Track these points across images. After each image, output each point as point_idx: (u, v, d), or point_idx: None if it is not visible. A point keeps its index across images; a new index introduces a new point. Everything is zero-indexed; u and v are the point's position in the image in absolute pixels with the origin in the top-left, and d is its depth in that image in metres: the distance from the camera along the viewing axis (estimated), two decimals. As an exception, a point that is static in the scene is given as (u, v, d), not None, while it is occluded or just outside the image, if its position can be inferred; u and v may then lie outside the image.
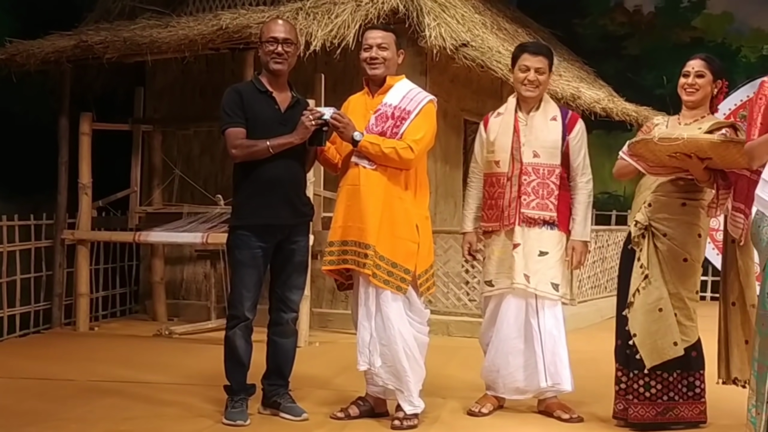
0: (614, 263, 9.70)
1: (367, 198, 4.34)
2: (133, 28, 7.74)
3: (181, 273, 8.96)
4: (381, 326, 4.37)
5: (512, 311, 4.59)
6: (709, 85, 4.34)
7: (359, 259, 4.35)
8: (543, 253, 4.54)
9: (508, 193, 4.57)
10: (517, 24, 10.88)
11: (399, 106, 4.42)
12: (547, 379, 4.53)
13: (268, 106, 4.51)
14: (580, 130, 4.70)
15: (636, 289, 4.26)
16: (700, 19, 12.98)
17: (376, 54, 4.44)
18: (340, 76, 7.93)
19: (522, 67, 4.61)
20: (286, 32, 4.56)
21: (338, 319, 7.97)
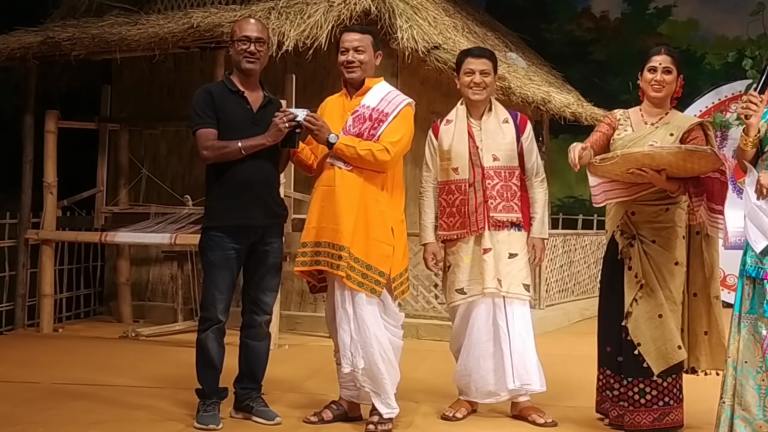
0: (581, 267, 9.78)
1: (342, 199, 4.31)
2: (102, 25, 7.65)
3: (147, 274, 8.86)
4: (356, 329, 4.34)
5: (482, 315, 4.58)
6: (675, 81, 4.34)
7: (333, 261, 4.31)
8: (513, 255, 4.56)
9: (472, 199, 4.56)
10: (486, 27, 10.93)
11: (377, 108, 4.40)
12: (515, 380, 4.52)
13: (240, 106, 4.46)
14: (530, 130, 4.76)
15: (633, 298, 4.23)
16: (666, 25, 13.14)
17: (352, 57, 4.43)
18: (311, 76, 7.91)
19: (467, 71, 4.62)
20: (259, 31, 4.51)
21: (307, 322, 7.94)
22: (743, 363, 3.41)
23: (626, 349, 4.28)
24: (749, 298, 3.45)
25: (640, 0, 13.32)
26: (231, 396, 4.69)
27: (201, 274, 7.16)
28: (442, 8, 8.98)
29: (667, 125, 4.30)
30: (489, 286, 4.51)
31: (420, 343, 7.25)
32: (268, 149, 4.42)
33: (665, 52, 4.33)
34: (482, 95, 4.61)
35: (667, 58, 4.30)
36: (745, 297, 3.44)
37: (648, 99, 4.38)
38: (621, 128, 4.38)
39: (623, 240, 4.32)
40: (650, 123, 4.35)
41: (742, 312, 3.45)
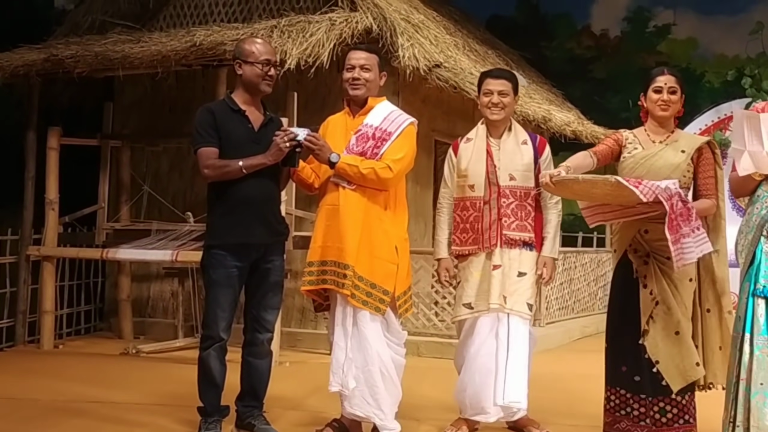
0: (581, 285, 9.79)
1: (347, 218, 4.33)
2: (105, 42, 7.68)
3: (147, 290, 8.87)
4: (357, 347, 4.35)
5: (484, 330, 4.60)
6: (679, 101, 4.37)
7: (338, 279, 4.32)
8: (521, 273, 4.58)
9: (486, 216, 4.60)
10: (487, 46, 10.98)
11: (380, 127, 4.43)
12: (504, 397, 4.50)
13: (242, 124, 4.49)
14: (549, 153, 4.79)
15: (649, 316, 4.21)
16: (665, 44, 13.22)
17: (358, 75, 4.45)
18: (312, 94, 7.94)
19: (486, 91, 4.68)
20: (275, 55, 4.62)
21: (308, 339, 7.94)
22: (759, 385, 3.34)
23: (644, 367, 4.25)
24: (762, 319, 3.40)
25: (640, 18, 13.41)
26: (233, 414, 4.68)
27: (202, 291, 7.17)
28: (443, 27, 9.04)
29: (676, 143, 4.33)
30: (494, 302, 4.54)
31: (421, 360, 7.24)
32: (270, 168, 4.44)
33: (669, 72, 4.36)
34: (500, 115, 4.66)
35: (672, 78, 4.34)
36: (757, 317, 3.39)
37: (654, 119, 4.40)
38: (630, 146, 4.39)
39: (637, 258, 4.30)
40: (658, 141, 4.37)
41: (754, 333, 3.39)
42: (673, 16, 13.38)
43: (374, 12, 7.45)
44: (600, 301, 10.42)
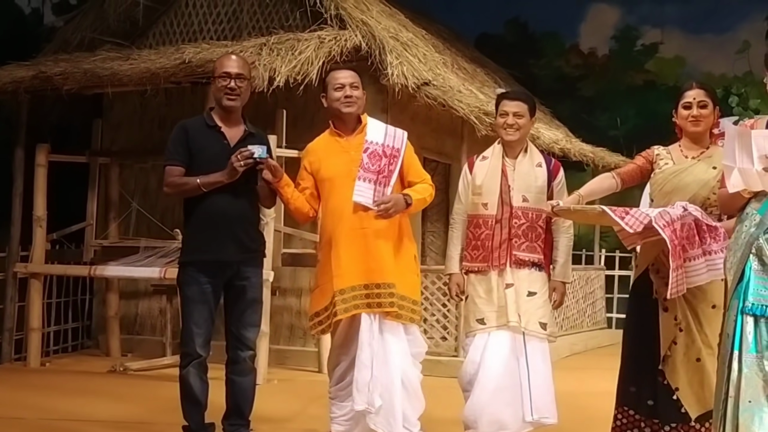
0: (569, 302, 9.80)
1: (380, 239, 4.37)
2: (94, 59, 7.69)
3: (135, 308, 8.83)
4: (382, 364, 4.34)
5: (501, 349, 4.58)
6: (712, 114, 4.26)
7: (381, 300, 4.33)
8: (531, 293, 4.58)
9: (498, 235, 4.62)
10: (475, 64, 11.03)
11: (386, 144, 4.47)
12: (533, 413, 4.52)
13: (217, 141, 4.47)
14: (562, 177, 4.82)
15: (671, 341, 4.13)
16: (653, 62, 13.30)
17: (350, 93, 4.47)
18: (301, 112, 7.94)
19: (502, 112, 4.70)
20: (239, 67, 4.54)
21: (296, 356, 7.93)
22: (747, 402, 3.33)
23: (661, 393, 4.16)
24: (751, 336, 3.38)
25: (628, 37, 13.50)
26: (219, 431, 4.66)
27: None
28: (431, 45, 9.08)
29: (710, 159, 4.22)
30: (512, 320, 4.54)
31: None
32: (244, 185, 4.43)
33: (698, 86, 4.26)
34: (515, 136, 4.68)
35: (701, 92, 4.23)
36: (746, 335, 3.37)
37: (687, 135, 4.31)
38: (662, 162, 4.33)
39: (659, 279, 4.18)
40: (691, 157, 4.29)
41: (743, 350, 3.37)
42: (661, 35, 13.46)
43: (363, 30, 7.49)
44: (588, 319, 10.45)
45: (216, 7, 8.71)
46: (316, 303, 4.52)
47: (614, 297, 11.30)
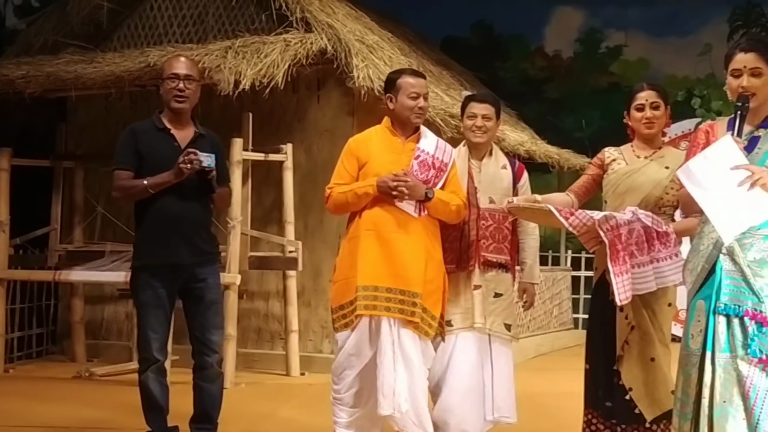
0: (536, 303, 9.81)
1: (413, 246, 4.28)
2: (57, 63, 7.63)
3: (101, 312, 8.76)
4: (404, 370, 4.27)
5: (467, 350, 4.60)
6: (664, 115, 4.26)
7: (405, 308, 4.23)
8: (498, 294, 4.61)
9: (465, 236, 4.63)
10: (441, 66, 11.07)
11: (436, 156, 4.43)
12: (493, 412, 4.57)
13: (166, 143, 4.44)
14: (527, 179, 4.86)
15: (624, 341, 4.10)
16: (617, 64, 13.44)
17: (423, 104, 4.41)
18: (267, 115, 7.95)
19: (470, 114, 4.71)
20: (188, 69, 4.51)
21: (264, 360, 7.90)
22: (722, 403, 3.35)
23: (617, 394, 4.14)
24: (723, 337, 3.40)
25: (592, 40, 13.62)
26: (187, 436, 4.64)
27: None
28: (397, 47, 9.10)
29: (662, 159, 4.23)
30: (478, 322, 4.56)
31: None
32: (197, 187, 4.41)
33: (649, 87, 4.25)
34: (483, 138, 4.70)
35: (652, 93, 4.22)
36: (718, 335, 3.39)
37: (640, 137, 4.29)
38: (614, 163, 4.32)
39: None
40: (644, 156, 4.28)
41: (716, 351, 3.39)
42: (625, 37, 13.61)
43: (329, 33, 7.50)
44: (555, 319, 10.52)
45: (181, 10, 8.67)
46: (340, 296, 4.37)
47: (580, 298, 11.39)
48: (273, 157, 7.55)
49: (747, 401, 3.27)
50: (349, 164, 4.43)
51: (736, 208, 3.26)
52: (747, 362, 3.28)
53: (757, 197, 3.24)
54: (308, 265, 7.64)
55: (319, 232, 7.71)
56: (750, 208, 3.26)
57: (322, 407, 5.80)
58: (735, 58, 3.45)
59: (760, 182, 3.22)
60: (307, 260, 7.59)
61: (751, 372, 3.27)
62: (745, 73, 3.41)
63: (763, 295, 3.31)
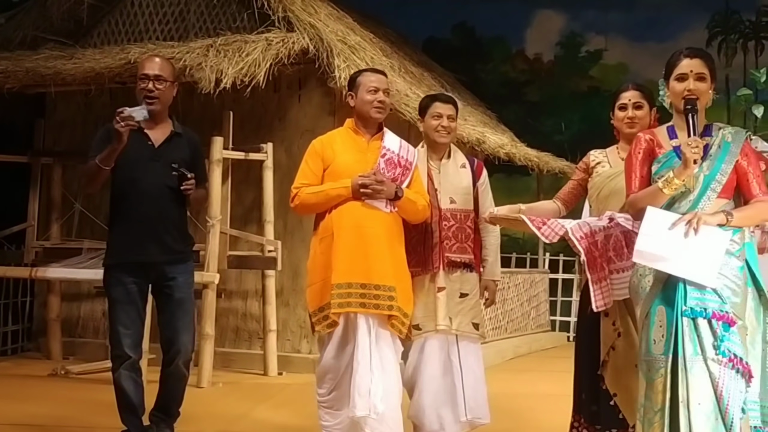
0: (514, 305, 9.92)
1: (385, 240, 4.29)
2: (36, 58, 7.57)
3: (78, 310, 8.70)
4: (381, 370, 4.27)
5: (436, 351, 4.62)
6: (647, 115, 4.22)
7: (380, 302, 4.24)
8: (464, 294, 4.62)
9: (429, 239, 4.62)
10: (422, 68, 11.08)
11: (401, 155, 4.44)
12: (467, 413, 4.57)
13: (140, 142, 4.42)
14: (486, 177, 4.87)
15: (610, 346, 4.08)
16: (597, 68, 13.51)
17: (383, 98, 4.41)
18: (248, 114, 7.93)
19: (435, 114, 4.69)
20: (159, 69, 4.51)
21: (241, 359, 7.88)
22: (697, 405, 3.38)
23: (602, 398, 4.12)
24: (691, 340, 3.43)
25: (573, 43, 13.69)
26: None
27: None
28: (379, 48, 9.11)
29: None
30: (441, 324, 4.56)
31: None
32: (168, 186, 4.40)
33: (633, 87, 4.25)
34: (447, 139, 4.72)
35: (636, 93, 4.22)
36: (687, 339, 3.42)
37: (623, 137, 4.27)
38: (599, 167, 4.32)
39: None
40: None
41: (686, 354, 3.41)
42: (605, 41, 13.70)
43: (311, 33, 7.49)
44: (533, 321, 10.57)
45: (162, 7, 8.63)
46: (319, 298, 4.33)
47: (558, 300, 11.45)
48: (253, 156, 7.53)
49: (720, 402, 3.32)
50: (314, 164, 4.43)
51: (700, 256, 3.38)
52: (717, 363, 3.33)
53: (708, 235, 3.38)
54: (287, 265, 7.64)
55: (298, 231, 7.70)
56: (709, 247, 3.39)
57: (299, 407, 5.82)
58: (681, 64, 3.53)
59: (701, 222, 3.36)
60: (286, 260, 7.58)
61: (722, 372, 3.32)
62: (691, 77, 3.49)
63: (724, 296, 3.38)
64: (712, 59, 3.62)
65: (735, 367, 3.33)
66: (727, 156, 3.52)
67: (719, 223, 3.41)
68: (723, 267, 3.40)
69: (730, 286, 3.41)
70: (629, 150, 3.77)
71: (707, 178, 3.50)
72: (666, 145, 3.61)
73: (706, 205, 3.49)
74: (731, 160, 3.51)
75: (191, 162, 4.53)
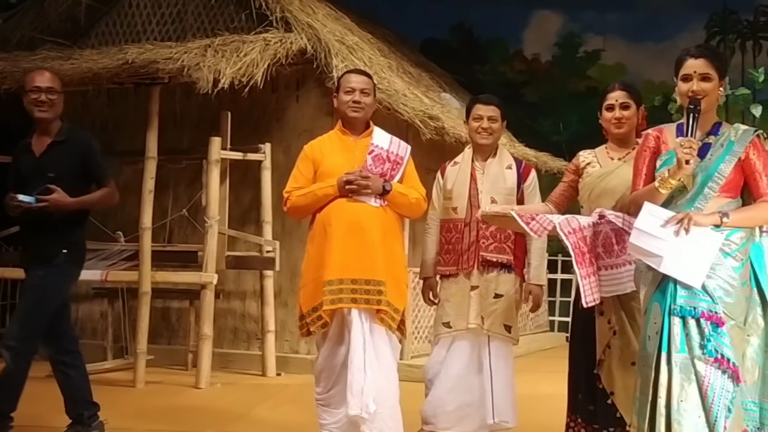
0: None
1: (375, 235, 4.29)
2: (34, 59, 7.55)
3: (76, 311, 8.63)
4: (377, 368, 4.25)
5: (466, 350, 4.64)
6: (635, 115, 4.23)
7: (371, 297, 4.24)
8: (498, 295, 4.62)
9: (466, 237, 4.66)
10: (421, 68, 11.08)
11: (391, 150, 4.44)
12: (494, 416, 4.58)
13: (26, 156, 4.71)
14: (534, 179, 4.86)
15: (606, 345, 4.08)
16: (595, 69, 13.53)
17: (359, 98, 4.42)
18: (246, 114, 7.92)
19: (475, 116, 4.74)
20: (50, 81, 4.77)
21: (240, 360, 7.87)
22: (679, 403, 3.38)
23: (599, 397, 4.11)
24: (678, 338, 3.44)
25: (571, 44, 13.71)
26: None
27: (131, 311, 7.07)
28: (377, 49, 9.11)
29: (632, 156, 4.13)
30: (472, 322, 4.59)
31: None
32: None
33: (620, 88, 4.26)
34: (489, 140, 4.74)
35: (623, 93, 4.23)
36: (674, 336, 3.44)
37: (611, 137, 4.29)
38: (589, 167, 4.32)
39: None
40: (617, 158, 4.27)
41: (672, 352, 3.42)
42: (603, 42, 13.72)
43: (309, 33, 7.49)
44: (531, 321, 10.56)
45: (160, 7, 8.64)
46: (312, 298, 4.33)
47: (556, 300, 11.45)
48: (251, 156, 7.52)
49: (705, 400, 3.33)
50: (305, 168, 4.47)
51: (689, 257, 3.38)
52: (704, 362, 3.34)
53: (700, 236, 3.38)
54: (285, 265, 7.62)
55: (296, 232, 7.69)
56: (700, 248, 3.38)
57: (297, 407, 5.82)
58: (685, 64, 3.54)
59: (692, 222, 3.35)
60: (285, 260, 7.57)
61: (708, 371, 3.33)
62: (695, 77, 3.49)
63: (716, 296, 3.37)
64: (718, 56, 3.60)
65: (721, 368, 3.33)
66: (728, 155, 3.51)
67: (713, 223, 3.40)
68: (717, 267, 3.40)
69: (723, 287, 3.40)
70: (638, 147, 3.77)
71: (704, 177, 3.50)
72: (671, 143, 3.61)
73: (702, 204, 3.48)
74: (732, 159, 3.49)
75: (80, 165, 4.73)
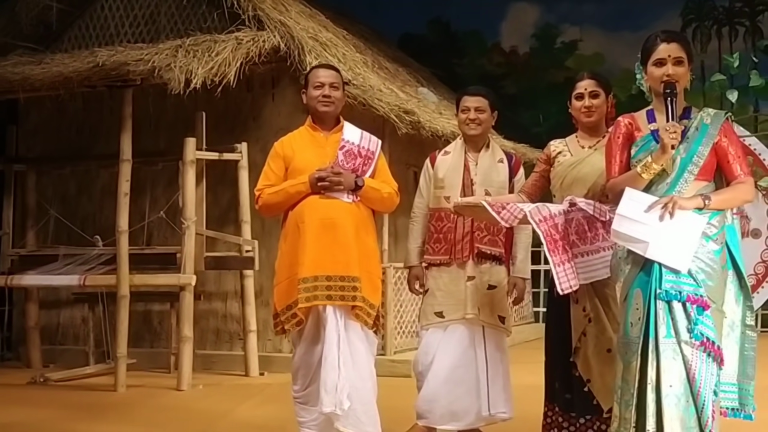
0: (497, 297, 9.87)
1: (348, 231, 4.25)
2: (5, 64, 7.50)
3: (57, 317, 8.64)
4: (351, 365, 4.23)
5: (458, 341, 4.62)
6: (604, 103, 4.25)
7: (345, 293, 4.21)
8: (492, 287, 4.62)
9: (460, 227, 4.64)
10: (398, 63, 11.07)
11: (361, 145, 4.41)
12: (489, 408, 4.58)
13: None
14: (522, 173, 4.85)
15: (581, 333, 4.08)
16: (573, 59, 13.57)
17: (329, 92, 4.40)
18: (222, 114, 7.89)
19: (463, 108, 4.75)
20: None
21: (222, 361, 7.85)
22: (668, 387, 3.38)
23: (576, 385, 4.11)
24: (664, 323, 3.44)
25: (548, 35, 13.75)
26: None
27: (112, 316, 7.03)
28: (352, 45, 9.09)
29: (602, 144, 4.18)
30: (469, 313, 4.58)
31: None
32: None
33: (588, 76, 4.29)
34: (477, 131, 4.73)
35: (592, 81, 4.25)
36: (660, 321, 3.43)
37: (581, 126, 4.31)
38: (560, 156, 4.33)
39: None
40: (588, 146, 4.28)
41: (659, 337, 3.42)
42: (580, 32, 13.77)
43: (281, 31, 7.47)
44: (515, 313, 10.56)
45: (133, 9, 8.60)
46: (286, 296, 4.29)
47: (540, 291, 11.45)
48: (228, 156, 7.49)
49: (693, 384, 3.32)
50: (275, 166, 4.43)
51: (675, 241, 3.38)
52: (691, 346, 3.33)
53: (684, 219, 3.37)
54: (265, 265, 7.58)
55: (275, 230, 7.55)
56: (685, 232, 3.38)
57: (280, 406, 5.80)
58: (658, 48, 3.53)
59: (676, 206, 3.35)
60: (264, 259, 7.53)
61: (695, 355, 3.32)
62: (669, 61, 3.49)
63: (699, 279, 3.37)
64: (688, 41, 3.63)
65: (707, 351, 3.33)
66: (704, 138, 3.51)
67: (696, 206, 3.40)
68: (699, 250, 3.40)
69: (705, 270, 3.40)
70: (609, 135, 3.76)
71: (684, 160, 3.49)
72: (644, 129, 3.61)
73: (683, 187, 3.48)
74: (708, 142, 3.50)
75: None
